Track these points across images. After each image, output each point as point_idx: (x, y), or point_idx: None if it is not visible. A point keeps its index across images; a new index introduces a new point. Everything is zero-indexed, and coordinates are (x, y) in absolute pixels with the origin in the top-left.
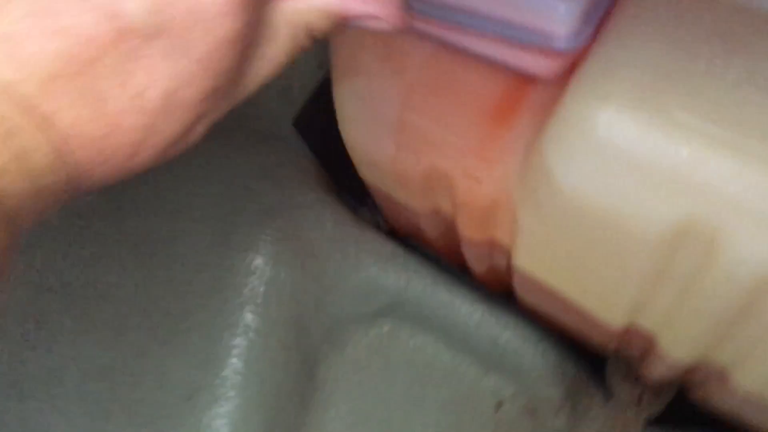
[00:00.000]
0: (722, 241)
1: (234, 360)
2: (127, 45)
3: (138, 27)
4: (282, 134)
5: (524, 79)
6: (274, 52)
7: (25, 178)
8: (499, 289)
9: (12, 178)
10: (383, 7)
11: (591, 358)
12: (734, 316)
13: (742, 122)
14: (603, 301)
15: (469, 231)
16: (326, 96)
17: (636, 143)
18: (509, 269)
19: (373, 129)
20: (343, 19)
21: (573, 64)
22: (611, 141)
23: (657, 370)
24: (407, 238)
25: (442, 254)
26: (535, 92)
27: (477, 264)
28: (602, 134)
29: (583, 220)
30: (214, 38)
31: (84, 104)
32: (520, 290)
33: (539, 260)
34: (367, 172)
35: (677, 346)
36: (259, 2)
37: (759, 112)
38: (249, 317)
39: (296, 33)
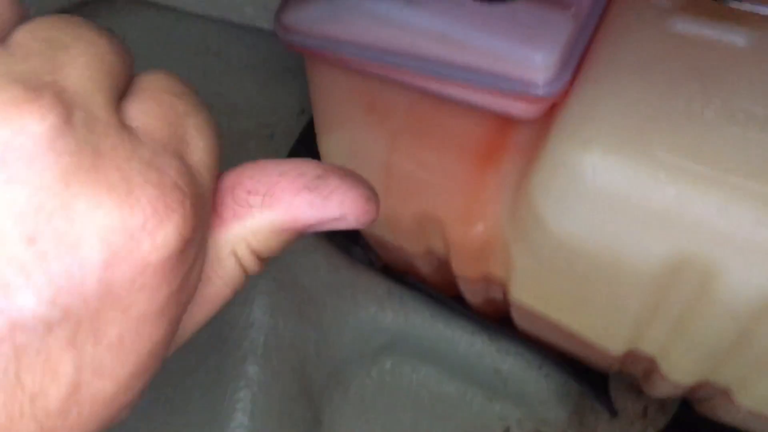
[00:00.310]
0: (715, 274)
1: (239, 414)
2: (18, 342)
3: (31, 321)
4: None
5: (506, 121)
6: (216, 290)
7: None
8: (497, 317)
9: None
10: (346, 206)
11: (594, 375)
12: (732, 343)
13: (725, 159)
14: (602, 331)
15: (463, 268)
16: (310, 141)
17: (623, 185)
18: (506, 300)
19: None
20: (298, 232)
21: (554, 104)
22: (598, 184)
23: (660, 389)
24: (402, 274)
25: (437, 287)
26: (519, 133)
27: (473, 297)
28: (588, 178)
29: (576, 258)
30: (134, 316)
31: None
32: (518, 319)
33: (535, 294)
34: None
35: (678, 370)
36: (195, 250)
37: (740, 148)
38: (251, 370)
39: (240, 262)
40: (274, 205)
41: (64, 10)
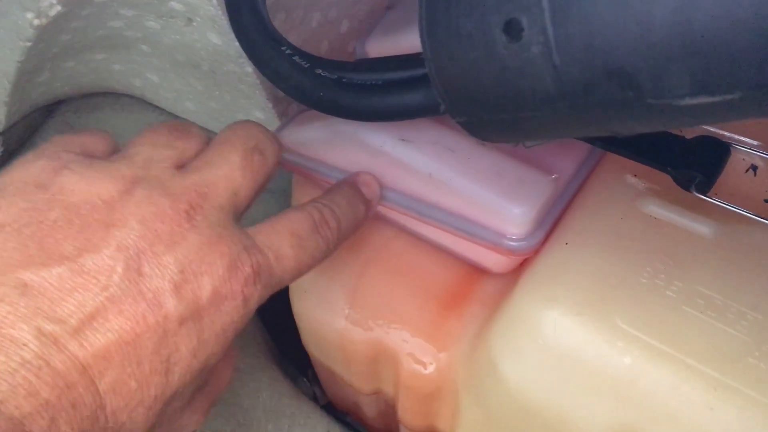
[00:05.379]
0: None
1: None
2: (164, 328)
3: (173, 315)
4: None
5: (476, 272)
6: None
7: (73, 424)
8: None
9: (65, 423)
10: None
11: None
12: None
13: (682, 339)
14: None
15: (409, 417)
16: None
17: (580, 347)
18: None
19: (324, 302)
20: None
21: (524, 261)
22: (556, 342)
23: None
24: (344, 414)
25: None
26: (486, 283)
27: None
28: (547, 334)
29: (525, 414)
30: (222, 322)
31: (124, 368)
32: None
33: None
34: (313, 345)
35: None
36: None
37: (697, 332)
38: None
39: None
40: None
41: (68, 102)
